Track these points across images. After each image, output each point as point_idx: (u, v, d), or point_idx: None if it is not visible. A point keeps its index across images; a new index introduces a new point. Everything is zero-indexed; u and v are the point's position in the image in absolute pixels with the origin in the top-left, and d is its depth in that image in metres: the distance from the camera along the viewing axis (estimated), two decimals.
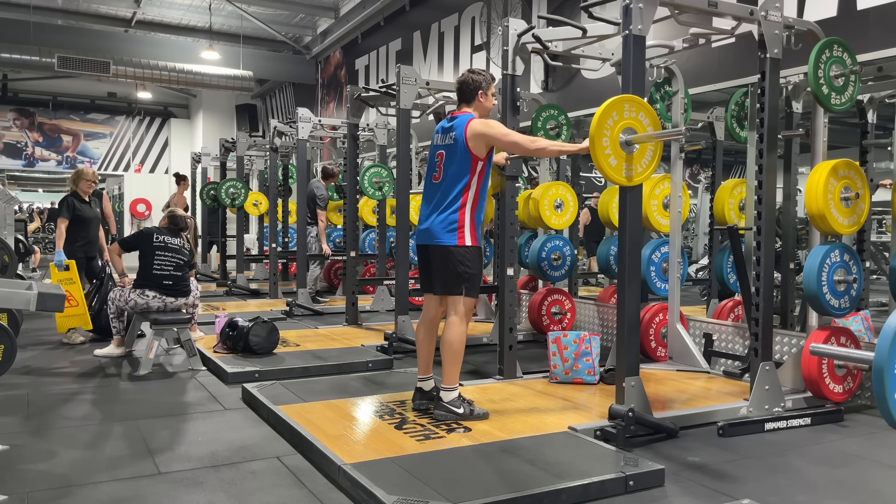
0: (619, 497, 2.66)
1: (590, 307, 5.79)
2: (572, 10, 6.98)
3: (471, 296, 3.52)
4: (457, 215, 3.46)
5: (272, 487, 2.77)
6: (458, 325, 3.46)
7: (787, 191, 4.63)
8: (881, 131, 5.05)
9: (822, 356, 3.69)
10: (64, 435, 3.44)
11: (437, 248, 3.50)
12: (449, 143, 3.53)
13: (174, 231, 5.27)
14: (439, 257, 3.50)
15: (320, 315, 7.12)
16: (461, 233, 3.46)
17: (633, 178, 3.27)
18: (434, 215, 3.52)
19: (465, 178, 3.47)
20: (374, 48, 11.73)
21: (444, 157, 3.54)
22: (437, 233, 3.49)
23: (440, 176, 3.55)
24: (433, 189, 3.57)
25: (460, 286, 3.47)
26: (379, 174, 7.49)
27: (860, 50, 4.15)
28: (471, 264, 3.47)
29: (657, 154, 3.34)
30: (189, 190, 11.96)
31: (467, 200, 3.48)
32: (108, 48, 12.86)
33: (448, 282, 3.49)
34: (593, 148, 3.17)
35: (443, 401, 3.42)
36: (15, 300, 2.97)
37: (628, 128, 3.22)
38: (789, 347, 4.22)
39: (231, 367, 4.58)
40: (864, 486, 2.86)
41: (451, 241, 3.45)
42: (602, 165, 3.19)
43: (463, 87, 3.65)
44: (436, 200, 3.53)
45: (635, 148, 3.25)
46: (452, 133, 3.53)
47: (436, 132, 3.66)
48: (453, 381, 3.46)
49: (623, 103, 3.23)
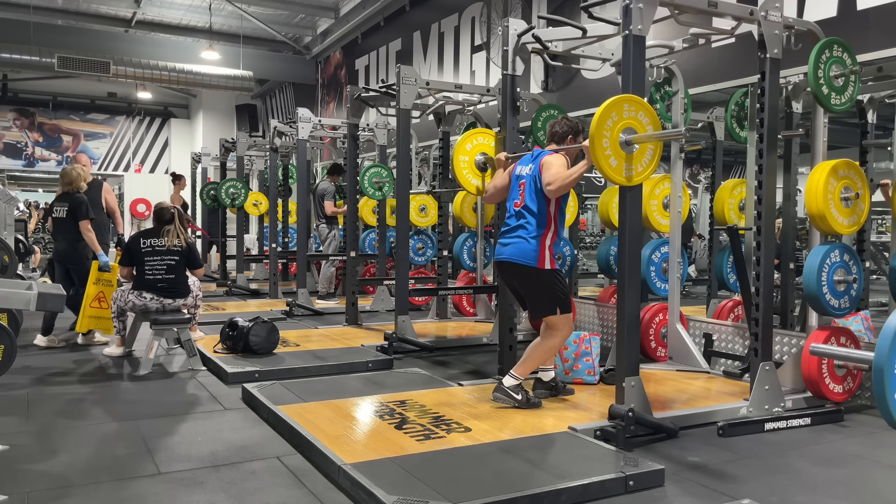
0: (619, 497, 2.66)
1: (590, 307, 5.79)
2: (572, 10, 6.98)
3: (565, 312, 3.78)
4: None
5: (272, 487, 2.77)
6: (554, 338, 3.76)
7: (787, 191, 4.63)
8: (881, 131, 5.05)
9: (822, 356, 3.69)
10: (64, 435, 3.44)
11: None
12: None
13: (160, 230, 5.09)
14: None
15: (320, 315, 7.12)
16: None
17: (633, 178, 3.28)
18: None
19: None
20: (374, 48, 11.73)
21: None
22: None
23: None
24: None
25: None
26: (379, 174, 7.50)
27: (860, 50, 4.15)
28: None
29: (657, 154, 3.34)
30: (187, 189, 11.97)
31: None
32: (108, 48, 12.85)
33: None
34: (593, 149, 3.17)
35: (504, 385, 3.69)
36: (15, 300, 2.97)
37: (628, 128, 3.22)
38: (789, 347, 4.22)
39: (231, 367, 4.58)
40: (864, 486, 2.86)
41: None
42: (602, 166, 3.19)
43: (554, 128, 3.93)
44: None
45: (635, 148, 3.25)
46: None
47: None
48: (523, 374, 3.73)
49: (622, 103, 3.23)
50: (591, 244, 12.53)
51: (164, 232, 5.09)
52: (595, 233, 13.38)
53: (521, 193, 3.78)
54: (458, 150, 4.92)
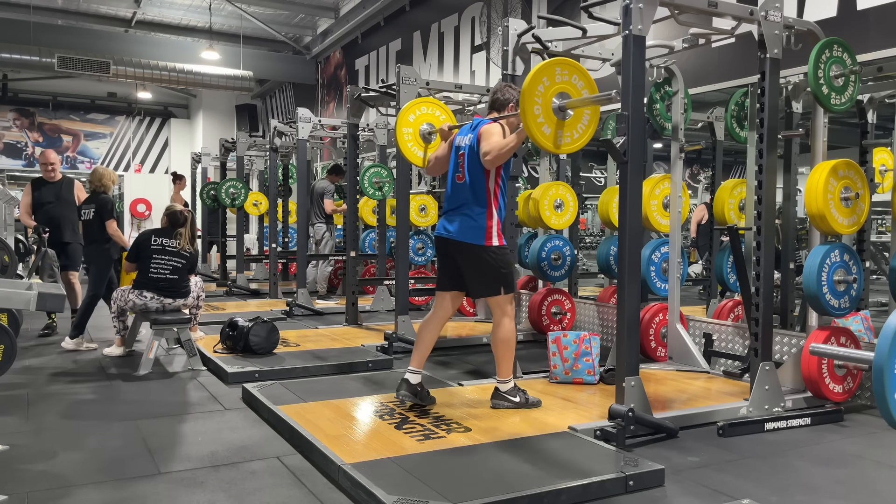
0: (618, 497, 2.66)
1: (590, 307, 5.79)
2: (572, 10, 6.98)
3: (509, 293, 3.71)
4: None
5: (272, 487, 2.77)
6: (507, 324, 3.67)
7: (787, 191, 4.63)
8: (881, 131, 5.05)
9: (822, 356, 3.68)
10: (64, 435, 3.44)
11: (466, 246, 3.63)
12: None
13: (172, 231, 5.19)
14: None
15: (320, 315, 7.12)
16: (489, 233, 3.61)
17: (565, 146, 3.17)
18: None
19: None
20: (374, 48, 11.73)
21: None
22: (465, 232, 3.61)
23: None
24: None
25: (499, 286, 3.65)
26: (379, 174, 7.50)
27: (860, 50, 4.15)
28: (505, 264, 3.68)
29: (593, 120, 3.21)
30: (187, 189, 11.97)
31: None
32: (108, 48, 12.86)
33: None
34: (524, 115, 3.04)
35: (500, 390, 3.67)
36: (15, 300, 2.97)
37: (562, 92, 3.09)
38: (789, 347, 4.22)
39: (231, 367, 4.58)
40: (864, 486, 2.86)
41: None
42: (534, 133, 3.07)
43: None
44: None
45: (570, 114, 3.13)
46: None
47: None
48: (508, 374, 3.69)
49: (555, 66, 3.10)
50: (591, 244, 12.53)
51: (176, 234, 5.18)
52: (595, 233, 13.39)
53: (462, 166, 3.63)
54: (401, 122, 4.73)
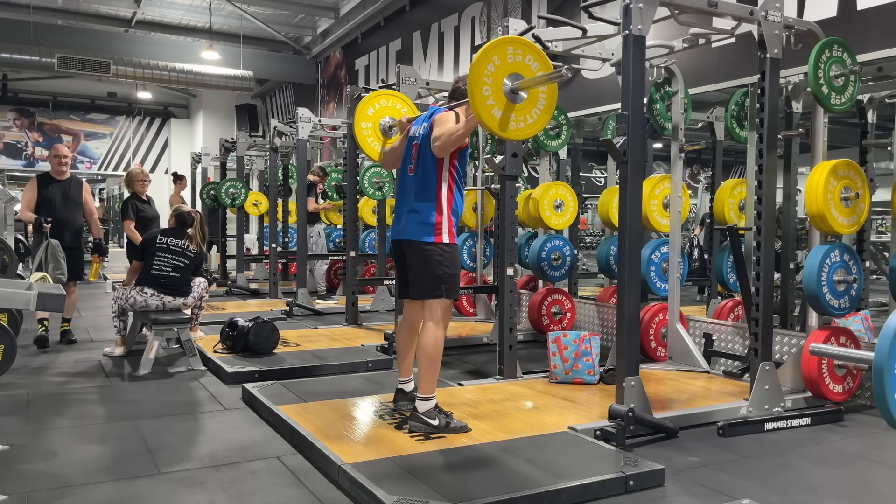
0: (619, 497, 2.66)
1: (590, 307, 5.79)
2: (572, 10, 6.98)
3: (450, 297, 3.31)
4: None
5: (272, 487, 2.77)
6: (434, 331, 3.24)
7: (787, 191, 4.63)
8: (881, 131, 5.05)
9: (822, 356, 3.69)
10: (64, 435, 3.44)
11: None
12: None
13: (181, 232, 5.25)
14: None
15: (320, 315, 7.12)
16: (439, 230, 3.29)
17: (519, 131, 2.95)
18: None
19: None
20: (374, 48, 11.73)
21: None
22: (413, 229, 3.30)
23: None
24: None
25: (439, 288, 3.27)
26: (379, 174, 7.50)
27: (860, 50, 4.15)
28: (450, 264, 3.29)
29: (550, 104, 2.97)
30: (188, 189, 11.96)
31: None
32: (108, 48, 12.86)
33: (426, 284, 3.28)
34: (471, 95, 2.78)
35: (418, 411, 3.22)
36: (15, 300, 2.97)
37: (514, 73, 2.85)
38: (789, 347, 4.22)
39: (231, 367, 4.58)
40: (864, 486, 2.86)
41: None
42: (483, 117, 2.83)
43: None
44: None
45: (523, 96, 2.89)
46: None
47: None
48: (430, 391, 3.22)
49: (506, 45, 2.83)
50: (591, 244, 12.53)
51: (186, 235, 5.23)
52: (595, 233, 13.38)
53: (415, 157, 3.38)
54: (359, 116, 4.56)
